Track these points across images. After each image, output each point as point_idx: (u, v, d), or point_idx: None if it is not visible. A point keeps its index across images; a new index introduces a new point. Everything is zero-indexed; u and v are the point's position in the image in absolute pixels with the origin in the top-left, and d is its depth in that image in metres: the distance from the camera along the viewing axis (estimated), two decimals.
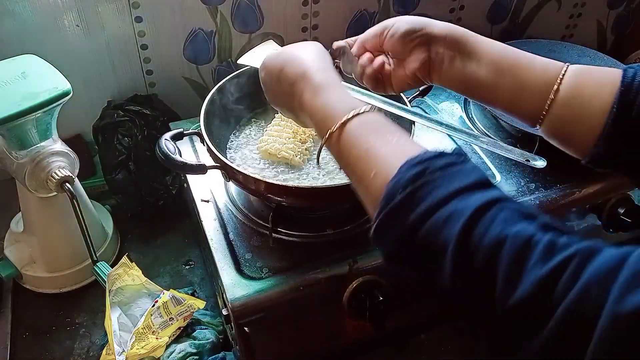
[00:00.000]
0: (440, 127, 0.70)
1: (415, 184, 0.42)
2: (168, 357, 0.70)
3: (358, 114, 0.49)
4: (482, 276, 0.37)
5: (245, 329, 0.65)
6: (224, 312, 0.67)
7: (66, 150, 0.75)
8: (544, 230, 0.37)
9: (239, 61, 0.72)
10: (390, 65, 0.65)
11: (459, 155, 0.44)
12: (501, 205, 0.39)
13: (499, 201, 0.39)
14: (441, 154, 0.43)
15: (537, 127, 0.61)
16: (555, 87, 0.57)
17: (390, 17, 0.64)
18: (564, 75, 0.57)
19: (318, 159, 0.58)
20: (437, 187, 0.41)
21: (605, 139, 0.54)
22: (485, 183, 0.42)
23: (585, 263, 0.34)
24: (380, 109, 0.52)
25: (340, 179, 0.74)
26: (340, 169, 0.54)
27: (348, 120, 0.49)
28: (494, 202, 0.39)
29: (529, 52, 0.61)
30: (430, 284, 0.43)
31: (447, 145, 0.88)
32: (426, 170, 0.42)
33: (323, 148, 0.53)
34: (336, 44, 0.68)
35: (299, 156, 0.76)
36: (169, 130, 0.75)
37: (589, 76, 0.56)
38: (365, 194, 0.48)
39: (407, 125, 0.71)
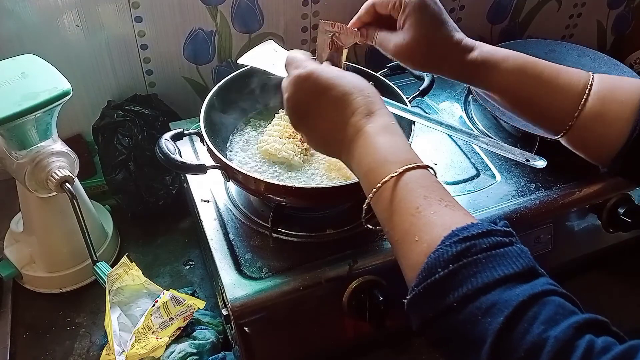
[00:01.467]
0: (440, 127, 0.70)
1: (459, 262, 0.40)
2: (168, 357, 0.70)
3: (414, 167, 0.47)
4: None
5: (245, 329, 0.65)
6: (224, 312, 0.67)
7: (66, 150, 0.75)
8: (585, 330, 0.36)
9: (239, 61, 0.72)
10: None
11: (506, 233, 0.42)
12: (545, 300, 0.38)
13: (543, 295, 0.38)
14: (489, 232, 0.42)
15: (558, 137, 0.61)
16: (580, 106, 0.57)
17: None
18: (590, 88, 0.57)
19: (366, 216, 0.51)
20: (480, 270, 0.40)
21: (626, 154, 0.55)
22: (531, 272, 0.40)
23: None
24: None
25: (341, 179, 0.74)
26: (379, 219, 0.50)
27: (405, 171, 0.47)
28: (538, 297, 0.38)
29: (529, 52, 0.61)
30: None
31: (447, 146, 0.88)
32: (471, 249, 0.40)
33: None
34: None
35: (299, 156, 0.76)
36: (169, 130, 0.75)
37: (613, 91, 0.57)
38: (404, 256, 0.46)
39: (407, 125, 0.71)
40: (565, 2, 1.21)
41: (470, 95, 0.98)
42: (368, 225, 0.52)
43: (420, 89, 0.80)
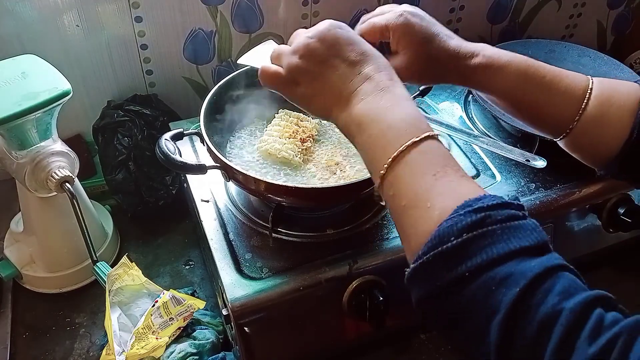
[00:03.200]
0: (440, 127, 0.70)
1: (473, 232, 0.40)
2: (168, 357, 0.70)
3: (429, 136, 0.47)
4: (530, 347, 0.36)
5: (245, 329, 0.65)
6: (224, 312, 0.67)
7: (66, 150, 0.75)
8: (596, 304, 0.37)
9: (239, 61, 0.72)
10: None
11: (519, 207, 0.42)
12: (559, 274, 0.38)
13: (558, 269, 0.39)
14: (504, 204, 0.42)
15: (557, 139, 0.62)
16: (581, 111, 0.58)
17: None
18: (590, 93, 0.58)
19: (376, 193, 0.52)
20: (495, 242, 0.39)
21: (623, 156, 0.56)
22: (545, 246, 0.40)
23: (632, 341, 0.34)
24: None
25: (340, 179, 0.74)
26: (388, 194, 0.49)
27: (427, 138, 0.47)
28: (553, 270, 0.38)
29: (529, 52, 0.62)
30: (463, 343, 0.42)
31: (447, 146, 0.88)
32: (486, 220, 0.40)
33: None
34: None
35: (299, 156, 0.76)
36: (169, 130, 0.76)
37: (612, 95, 0.58)
38: (410, 223, 0.45)
39: None
40: (565, 2, 1.21)
41: (470, 95, 0.98)
42: (380, 200, 0.50)
43: (420, 89, 0.80)
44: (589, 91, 0.58)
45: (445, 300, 0.41)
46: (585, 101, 0.58)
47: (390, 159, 0.47)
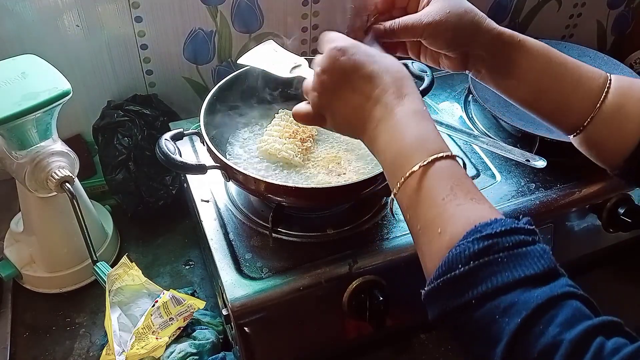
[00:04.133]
0: (440, 127, 0.70)
1: (480, 260, 0.40)
2: (168, 357, 0.70)
3: (443, 157, 0.47)
4: None
5: (245, 329, 0.65)
6: (224, 312, 0.67)
7: (66, 150, 0.75)
8: (598, 332, 0.37)
9: (239, 61, 0.72)
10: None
11: (529, 232, 0.42)
12: (563, 304, 0.38)
13: (561, 298, 0.39)
14: (512, 230, 0.42)
15: (571, 137, 0.61)
16: (600, 101, 0.57)
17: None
18: (609, 84, 0.57)
19: (392, 205, 0.52)
20: (501, 270, 0.40)
21: (637, 157, 0.55)
22: (552, 273, 0.40)
23: None
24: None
25: (340, 179, 0.74)
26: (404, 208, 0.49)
27: (434, 161, 0.46)
28: (556, 300, 0.38)
29: None
30: (471, 357, 0.43)
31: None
32: (493, 247, 0.40)
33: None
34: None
35: (299, 156, 0.76)
36: (169, 130, 0.76)
37: (629, 94, 0.57)
38: (424, 247, 0.46)
39: None
40: (565, 2, 1.21)
41: (470, 95, 0.98)
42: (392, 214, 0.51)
43: (420, 89, 0.80)
44: (608, 83, 0.57)
45: (454, 324, 0.42)
46: (604, 93, 0.57)
47: (398, 185, 0.48)
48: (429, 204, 0.46)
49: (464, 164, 0.50)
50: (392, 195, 0.50)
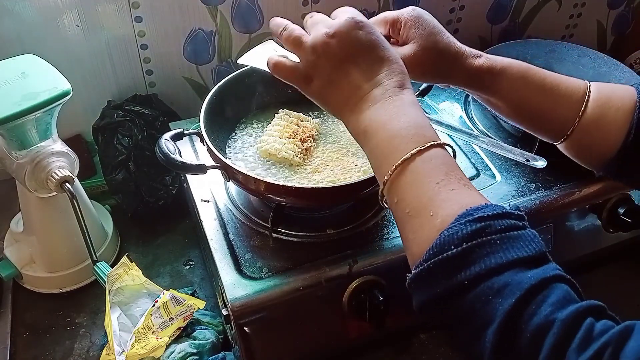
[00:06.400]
0: (440, 127, 0.70)
1: (472, 242, 0.41)
2: (168, 357, 0.70)
3: (440, 144, 0.48)
4: (523, 356, 0.37)
5: (245, 329, 0.65)
6: (224, 312, 0.67)
7: (66, 150, 0.75)
8: (587, 314, 0.37)
9: (239, 61, 0.72)
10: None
11: (520, 217, 0.43)
12: (554, 285, 0.39)
13: (553, 280, 0.39)
14: (504, 213, 0.42)
15: (557, 143, 0.64)
16: (580, 113, 0.60)
17: None
18: (588, 96, 0.60)
19: (382, 198, 0.51)
20: (494, 251, 0.40)
21: (621, 157, 0.58)
22: (543, 257, 0.41)
23: (618, 351, 0.35)
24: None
25: (340, 179, 0.74)
26: (392, 201, 0.49)
27: (432, 146, 0.47)
28: (548, 282, 0.39)
29: (529, 52, 0.62)
30: (463, 342, 0.43)
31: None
32: (486, 229, 0.41)
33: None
34: None
35: (299, 156, 0.76)
36: (169, 130, 0.76)
37: (608, 104, 0.59)
38: (413, 230, 0.46)
39: None
40: (565, 2, 1.21)
41: (470, 95, 0.98)
42: (384, 204, 0.51)
43: (420, 89, 0.80)
44: (587, 94, 0.60)
45: (445, 306, 0.42)
46: (584, 104, 0.59)
47: (394, 167, 0.47)
48: (423, 187, 0.46)
49: (454, 152, 0.50)
50: (384, 179, 0.49)
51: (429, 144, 0.47)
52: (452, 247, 0.41)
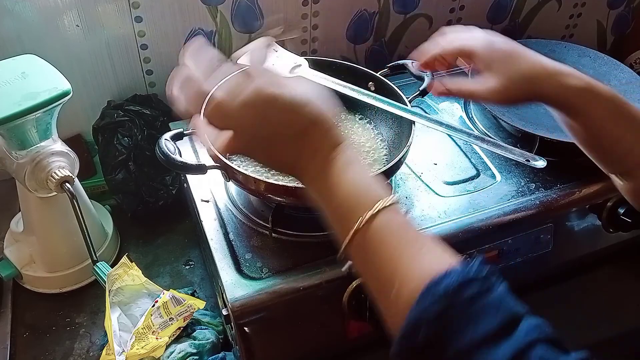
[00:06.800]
0: (440, 127, 0.70)
1: (440, 322, 0.39)
2: (168, 357, 0.70)
3: (382, 208, 0.45)
4: None
5: (245, 329, 0.65)
6: (224, 312, 0.67)
7: (66, 150, 0.75)
8: None
9: (239, 61, 0.72)
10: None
11: (485, 280, 0.41)
12: (530, 354, 0.37)
13: (528, 348, 0.38)
14: (469, 280, 0.40)
15: (621, 182, 0.62)
16: None
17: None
18: None
19: (342, 255, 0.49)
20: (461, 330, 0.39)
21: None
22: (513, 320, 0.39)
23: None
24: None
25: None
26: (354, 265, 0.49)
27: (374, 216, 0.45)
28: (522, 353, 0.37)
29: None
30: None
31: (447, 146, 0.88)
32: (450, 307, 0.40)
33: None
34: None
35: None
36: (169, 130, 0.75)
37: None
38: (385, 307, 0.45)
39: (407, 125, 0.71)
40: (565, 2, 1.21)
41: None
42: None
43: (420, 89, 0.80)
44: None
45: None
46: None
47: (342, 250, 0.47)
48: (378, 263, 0.45)
49: (405, 207, 0.49)
50: (340, 248, 0.48)
51: (369, 216, 0.45)
52: (422, 329, 0.40)
